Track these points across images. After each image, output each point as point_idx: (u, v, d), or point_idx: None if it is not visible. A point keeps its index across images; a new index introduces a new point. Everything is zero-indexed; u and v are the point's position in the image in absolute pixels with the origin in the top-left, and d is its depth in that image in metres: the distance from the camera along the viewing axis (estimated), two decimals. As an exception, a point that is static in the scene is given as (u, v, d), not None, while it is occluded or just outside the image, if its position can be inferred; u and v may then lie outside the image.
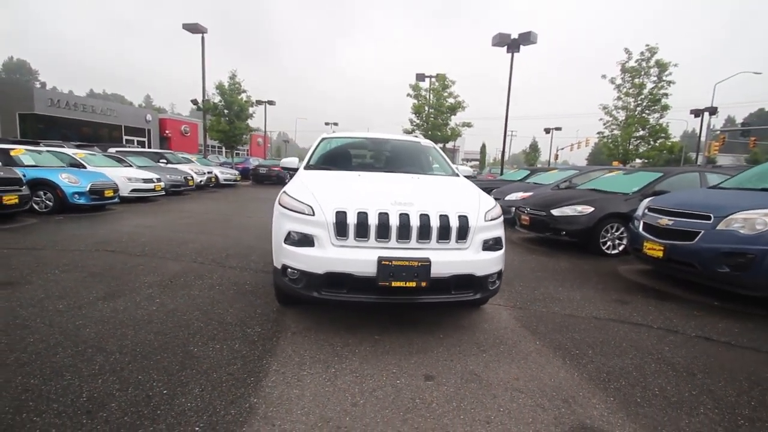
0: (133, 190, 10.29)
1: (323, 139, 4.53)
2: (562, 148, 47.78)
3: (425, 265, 2.55)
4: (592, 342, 3.01)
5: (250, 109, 21.63)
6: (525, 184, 10.20)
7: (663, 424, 2.05)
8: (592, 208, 6.21)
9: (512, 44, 16.39)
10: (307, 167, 3.96)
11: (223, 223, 7.80)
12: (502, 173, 16.42)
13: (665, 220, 4.51)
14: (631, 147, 16.49)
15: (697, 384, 2.45)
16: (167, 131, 31.47)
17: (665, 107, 15.81)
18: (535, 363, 2.64)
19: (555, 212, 6.42)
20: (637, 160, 17.16)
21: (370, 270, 2.55)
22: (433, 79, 17.88)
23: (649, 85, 15.72)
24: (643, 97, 15.94)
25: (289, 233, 2.75)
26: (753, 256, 3.67)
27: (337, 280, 2.62)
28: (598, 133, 17.38)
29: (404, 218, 2.62)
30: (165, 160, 14.68)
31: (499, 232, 2.93)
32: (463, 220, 2.71)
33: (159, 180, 11.15)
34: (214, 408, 2.00)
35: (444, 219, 2.68)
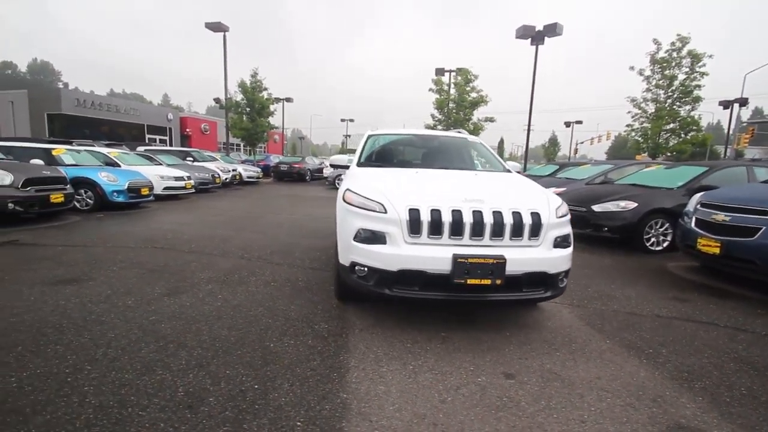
0: (166, 188, 10.51)
1: (370, 136, 4.53)
2: (582, 142, 46.85)
3: (500, 262, 2.53)
4: (662, 341, 2.95)
5: (271, 107, 21.86)
6: (556, 179, 10.03)
7: (759, 423, 2.00)
8: (636, 204, 6.07)
9: (536, 36, 16.11)
10: (360, 164, 3.97)
11: (256, 221, 7.91)
12: (525, 168, 16.18)
13: (721, 216, 4.38)
14: (661, 140, 16.04)
15: (785, 385, 2.37)
16: (188, 129, 32.02)
17: (697, 99, 15.33)
18: (612, 362, 2.60)
19: (596, 208, 6.30)
20: (667, 154, 16.66)
21: (445, 267, 2.55)
22: (455, 74, 17.71)
23: (681, 77, 15.26)
24: (673, 89, 15.50)
25: (359, 231, 2.76)
26: (824, 253, 3.54)
27: (409, 277, 2.62)
28: (627, 125, 16.95)
29: (477, 215, 2.61)
30: (192, 158, 14.93)
31: (568, 229, 2.89)
32: (536, 217, 2.68)
33: (189, 178, 11.36)
34: (308, 403, 2.03)
35: (517, 216, 2.65)
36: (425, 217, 2.61)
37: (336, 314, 3.21)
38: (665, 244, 6.10)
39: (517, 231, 2.64)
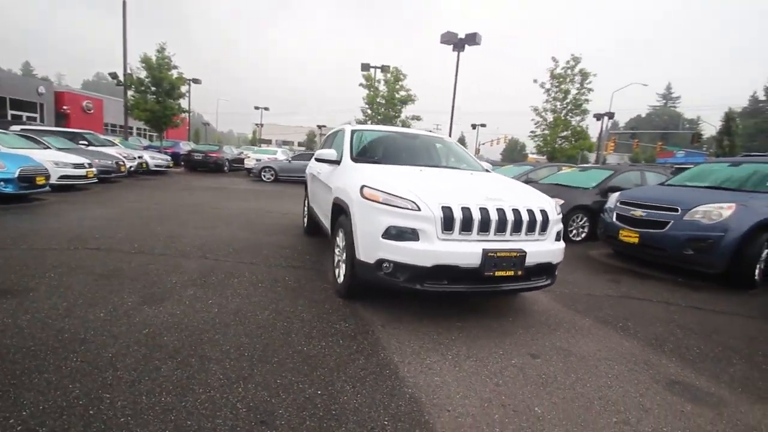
0: (62, 177, 8.78)
1: (354, 131, 4.48)
2: (483, 144, 51.65)
3: (522, 255, 2.81)
4: (624, 316, 3.56)
5: (183, 88, 19.44)
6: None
7: (720, 374, 2.59)
8: (563, 201, 7.05)
9: (458, 43, 17.26)
10: (355, 160, 3.91)
11: (195, 215, 7.13)
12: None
13: (639, 212, 5.38)
14: (557, 146, 18.71)
15: (719, 341, 3.10)
16: (65, 107, 26.80)
17: (584, 111, 18.26)
18: (600, 336, 3.08)
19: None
20: (539, 157, 19.43)
21: (475, 261, 2.73)
22: (379, 71, 17.98)
23: (573, 91, 17.95)
24: (568, 101, 18.17)
25: (389, 228, 2.78)
26: (712, 241, 4.62)
27: (441, 271, 2.74)
28: (531, 131, 19.40)
29: (501, 213, 2.84)
30: (86, 142, 12.64)
31: (561, 224, 3.30)
32: (544, 215, 3.02)
33: (90, 165, 9.66)
34: (381, 402, 2.03)
35: (531, 213, 2.95)
36: (458, 215, 2.75)
37: (348, 313, 3.17)
38: (583, 235, 7.22)
39: (531, 227, 2.95)
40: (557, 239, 3.18)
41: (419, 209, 2.75)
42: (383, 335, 2.81)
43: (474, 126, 39.95)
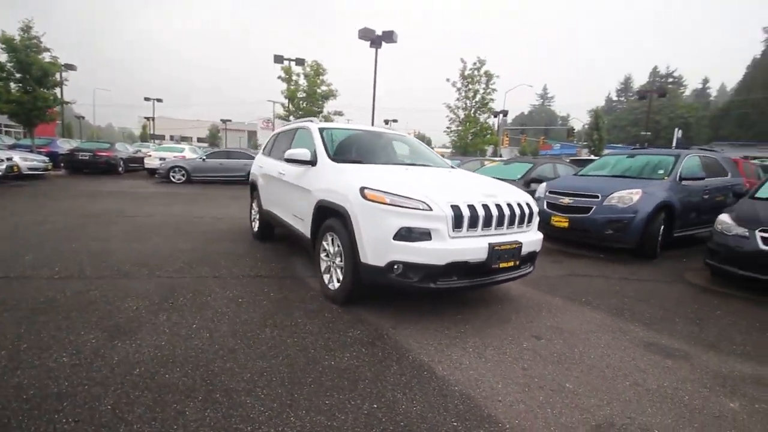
0: None
1: (321, 129, 4.29)
2: (395, 138, 53.37)
3: (519, 246, 3.05)
4: (581, 292, 4.09)
5: (60, 75, 15.91)
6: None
7: (674, 331, 3.16)
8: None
9: (376, 40, 17.51)
10: (335, 160, 3.76)
11: (111, 226, 6.07)
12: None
13: (567, 200, 6.18)
14: (468, 141, 20.31)
15: (657, 305, 3.76)
16: None
17: (490, 109, 20.12)
18: (574, 312, 3.50)
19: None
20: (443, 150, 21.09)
21: (482, 256, 2.88)
22: (296, 64, 17.21)
23: (481, 91, 19.62)
24: (477, 100, 19.80)
25: (400, 229, 2.76)
26: (627, 222, 5.55)
27: (453, 268, 2.83)
28: (447, 127, 20.73)
29: (499, 208, 3.03)
30: None
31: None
32: (529, 207, 3.30)
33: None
34: (438, 404, 2.05)
35: (520, 207, 3.20)
36: (465, 213, 2.85)
37: (353, 319, 3.07)
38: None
39: (522, 219, 3.20)
40: (537, 229, 3.51)
41: (431, 209, 2.79)
42: (400, 337, 2.80)
43: (387, 122, 41.05)
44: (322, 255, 3.54)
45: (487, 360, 2.55)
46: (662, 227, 5.73)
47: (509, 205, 3.11)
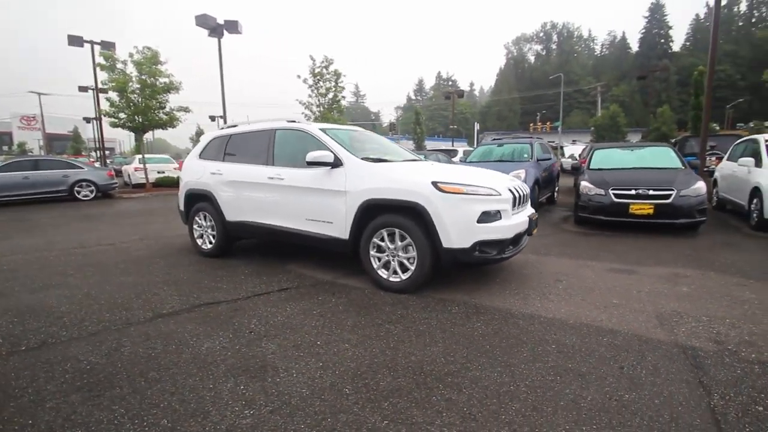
0: None
1: (325, 130, 4.20)
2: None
3: (536, 218, 3.98)
4: (560, 246, 5.41)
5: None
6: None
7: (626, 261, 4.73)
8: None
9: (217, 29, 15.93)
10: (365, 159, 3.86)
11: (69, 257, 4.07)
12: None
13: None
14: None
15: (598, 246, 5.41)
16: None
17: (341, 108, 20.99)
18: (577, 264, 4.50)
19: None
20: None
21: (526, 227, 3.68)
22: (137, 50, 13.36)
23: (333, 89, 20.19)
24: (329, 98, 20.27)
25: (482, 213, 3.27)
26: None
27: (514, 239, 3.53)
28: (303, 124, 20.39)
29: (520, 191, 3.85)
30: None
31: None
32: (525, 189, 4.24)
33: None
34: (543, 327, 2.74)
35: (523, 190, 4.11)
36: (516, 195, 3.58)
37: (436, 302, 3.38)
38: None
39: (526, 198, 4.13)
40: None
41: (500, 194, 3.40)
42: (488, 303, 3.33)
43: (212, 118, 36.94)
44: (373, 252, 3.64)
45: (551, 300, 3.39)
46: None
47: (517, 189, 4.00)
